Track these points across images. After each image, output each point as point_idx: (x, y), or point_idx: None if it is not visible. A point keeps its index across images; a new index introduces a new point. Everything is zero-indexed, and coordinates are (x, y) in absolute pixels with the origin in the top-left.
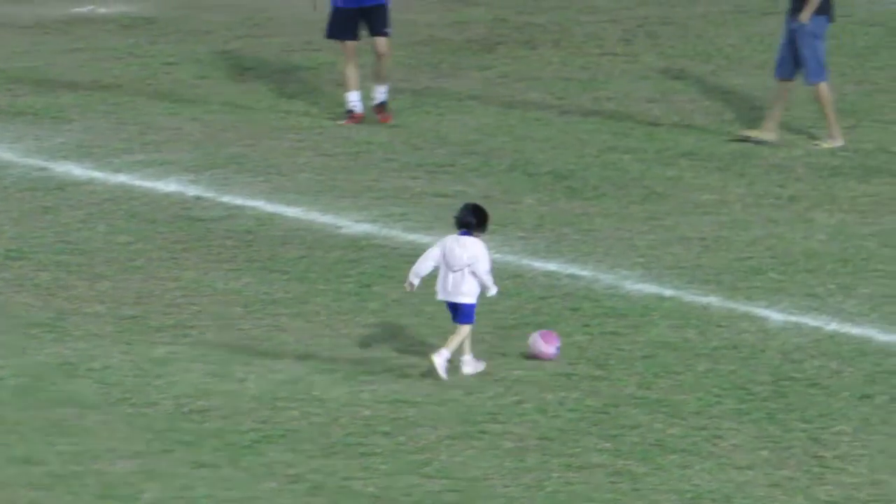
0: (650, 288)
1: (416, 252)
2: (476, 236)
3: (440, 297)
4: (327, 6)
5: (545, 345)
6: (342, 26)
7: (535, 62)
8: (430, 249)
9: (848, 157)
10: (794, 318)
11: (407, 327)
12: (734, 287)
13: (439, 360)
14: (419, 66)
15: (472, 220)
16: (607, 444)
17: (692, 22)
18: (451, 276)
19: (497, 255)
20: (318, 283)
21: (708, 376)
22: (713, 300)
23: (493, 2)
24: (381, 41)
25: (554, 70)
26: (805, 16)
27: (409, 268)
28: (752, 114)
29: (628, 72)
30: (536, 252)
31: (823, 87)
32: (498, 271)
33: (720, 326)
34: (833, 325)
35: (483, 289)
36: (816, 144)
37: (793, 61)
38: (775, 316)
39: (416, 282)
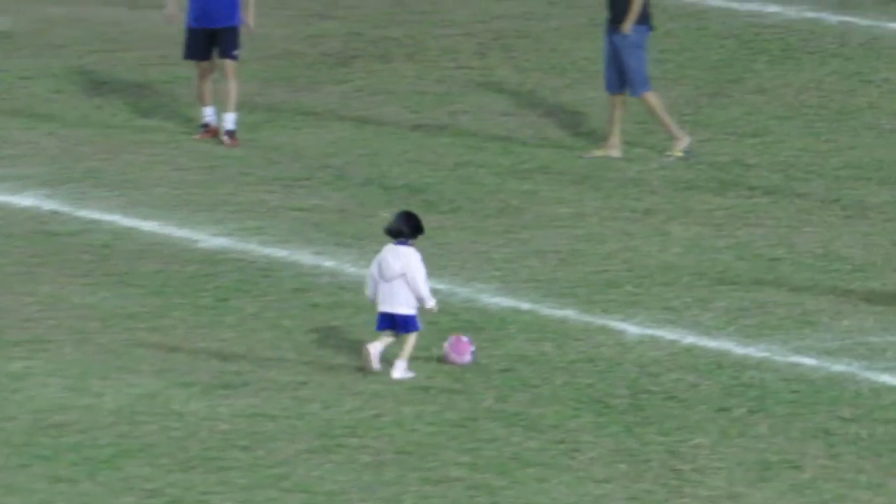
0: (507, 301)
1: (272, 266)
2: (410, 245)
3: (379, 308)
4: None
5: (457, 355)
6: (195, 46)
7: (390, 76)
8: (370, 267)
9: (703, 170)
10: (650, 332)
11: (264, 341)
12: (591, 300)
13: (398, 373)
14: (275, 80)
15: (404, 229)
16: (465, 458)
17: (547, 35)
18: (384, 286)
19: (353, 270)
20: (175, 298)
21: (565, 389)
22: (570, 313)
23: (347, 16)
24: (228, 64)
25: (409, 84)
26: (627, 26)
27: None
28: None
29: (483, 85)
30: None
31: (650, 96)
32: (355, 285)
33: (577, 340)
34: (690, 339)
35: (418, 301)
36: (668, 155)
37: (619, 74)
38: (632, 329)
39: (371, 298)
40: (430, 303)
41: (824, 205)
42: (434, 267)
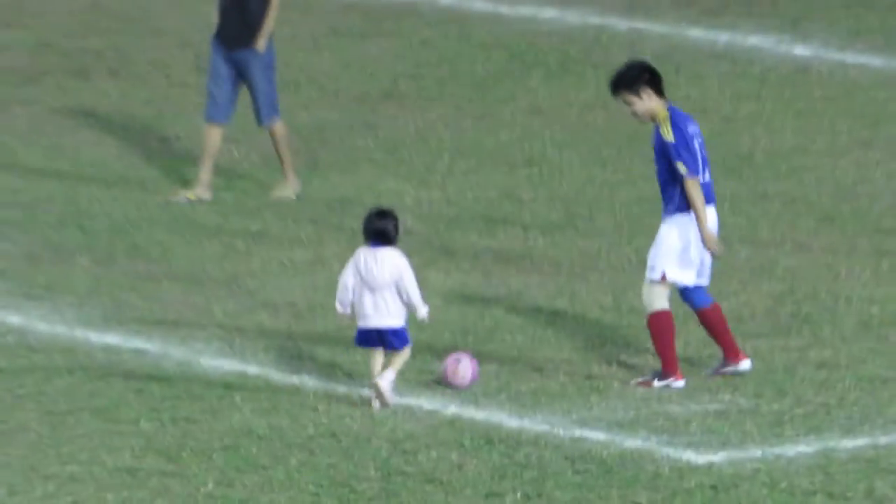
0: (231, 364)
1: None
2: (392, 247)
3: (361, 323)
4: None
5: (461, 377)
6: None
7: (90, 95)
8: (343, 272)
9: (467, 207)
10: (405, 400)
11: None
12: (332, 363)
13: (387, 383)
14: None
15: (391, 230)
16: None
17: (279, 45)
18: (368, 297)
19: (44, 326)
20: None
21: (302, 471)
22: (307, 379)
23: (35, 24)
24: None
25: (112, 104)
26: (261, 42)
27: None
28: (352, 154)
29: (202, 106)
30: (92, 322)
31: (280, 125)
32: (45, 345)
33: (316, 411)
34: (453, 408)
35: (410, 308)
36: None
37: (232, 100)
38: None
39: (346, 310)
40: (423, 310)
41: (613, 246)
42: (143, 323)
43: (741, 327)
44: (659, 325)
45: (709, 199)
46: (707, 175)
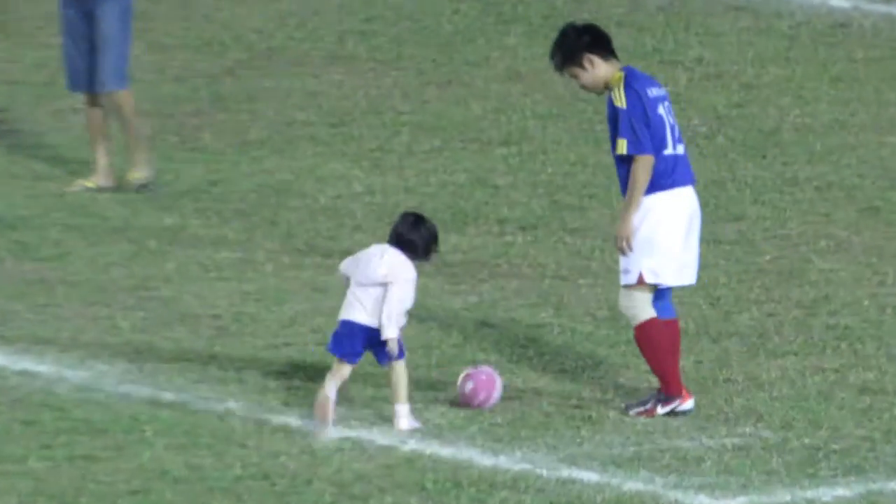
0: (141, 390)
1: None
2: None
3: (343, 315)
4: None
5: (484, 394)
6: None
7: None
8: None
9: (430, 195)
10: (353, 433)
11: None
12: (264, 388)
13: (403, 421)
14: None
15: (415, 240)
16: None
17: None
18: (357, 290)
19: None
20: None
21: None
22: (234, 408)
23: None
24: None
25: None
26: None
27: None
28: (289, 130)
29: None
30: None
31: (126, 94)
32: None
33: (244, 447)
34: (412, 444)
35: (381, 320)
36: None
37: (89, 65)
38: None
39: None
40: (388, 331)
41: (608, 245)
42: (32, 340)
43: (765, 344)
44: (649, 338)
45: (683, 179)
46: (680, 147)
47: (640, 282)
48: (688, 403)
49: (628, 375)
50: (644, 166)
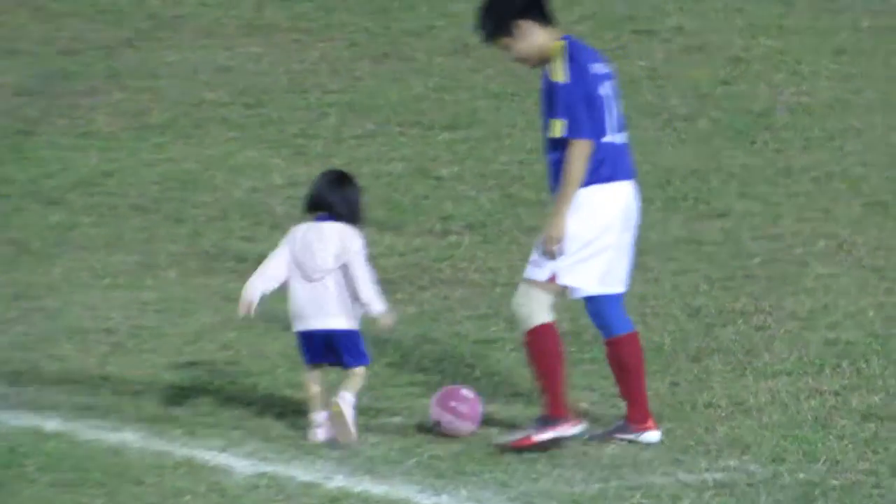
0: (22, 418)
1: None
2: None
3: (297, 326)
4: None
5: (465, 418)
6: None
7: None
8: (273, 253)
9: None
10: (271, 468)
11: None
12: (166, 416)
13: (349, 417)
14: None
15: (346, 201)
16: None
17: None
18: (307, 288)
19: None
20: None
21: None
22: (130, 439)
23: None
24: None
25: None
26: None
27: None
28: (198, 112)
29: None
30: None
31: None
32: None
33: (141, 484)
34: (339, 479)
35: (362, 303)
36: None
37: None
38: (242, 465)
39: (255, 298)
40: (381, 307)
41: None
42: None
43: (753, 363)
44: (541, 347)
45: (622, 172)
46: (620, 136)
47: (551, 281)
48: (577, 429)
49: (592, 399)
50: (581, 152)
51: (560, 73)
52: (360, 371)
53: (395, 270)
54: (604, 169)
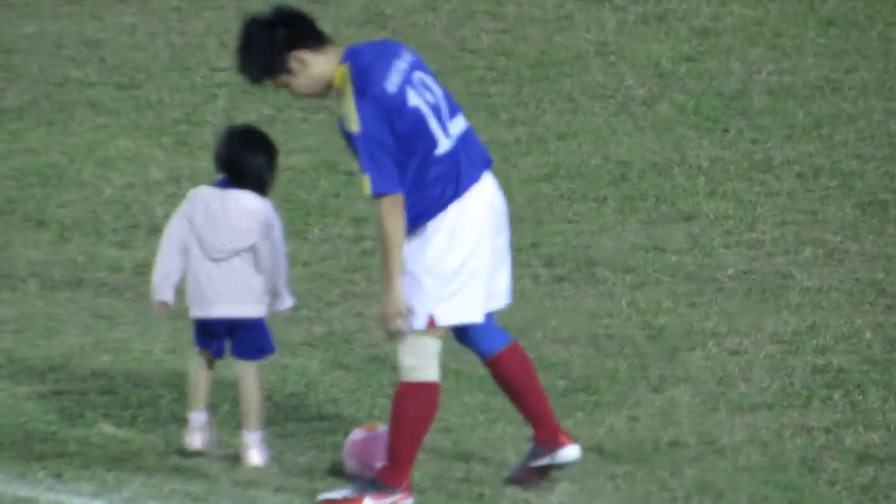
0: None
1: None
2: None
3: (196, 312)
4: None
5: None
6: None
7: None
8: (169, 228)
9: None
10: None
11: None
12: (27, 455)
13: (254, 454)
14: None
15: (261, 164)
16: None
17: None
18: (209, 268)
19: None
20: None
21: None
22: None
23: None
24: None
25: None
26: None
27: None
28: (60, 93)
29: None
30: None
31: None
32: None
33: None
34: None
35: (274, 292)
36: None
37: None
38: None
39: (169, 297)
40: (289, 301)
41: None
42: None
43: (727, 393)
44: (417, 406)
45: (469, 175)
46: (454, 128)
47: (431, 327)
48: (568, 451)
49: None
50: (392, 208)
51: (353, 121)
52: (249, 369)
53: (298, 283)
54: (447, 188)
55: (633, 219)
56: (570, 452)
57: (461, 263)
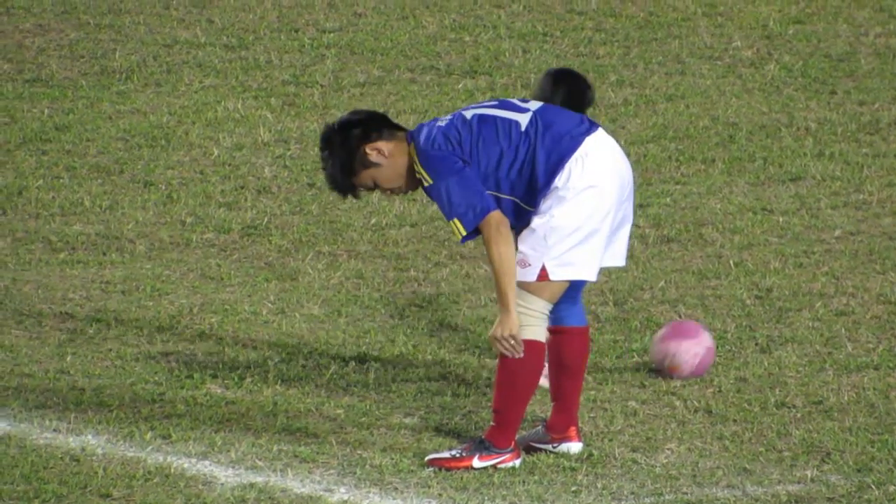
0: None
1: None
2: None
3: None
4: None
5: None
6: None
7: None
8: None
9: (207, 168)
10: (261, 479)
11: None
12: (141, 421)
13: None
14: None
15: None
16: None
17: None
18: None
19: None
20: None
21: None
22: (92, 443)
23: None
24: None
25: None
26: None
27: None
28: None
29: None
30: None
31: None
32: None
33: (106, 498)
34: None
35: None
36: None
37: None
38: (225, 476)
39: None
40: None
41: None
42: None
43: (834, 354)
44: (520, 366)
45: (568, 145)
46: (529, 105)
47: (542, 279)
48: (515, 462)
49: (643, 398)
50: (493, 229)
51: (424, 177)
52: None
53: (406, 243)
54: (551, 156)
55: (740, 180)
56: (571, 448)
57: (581, 222)
